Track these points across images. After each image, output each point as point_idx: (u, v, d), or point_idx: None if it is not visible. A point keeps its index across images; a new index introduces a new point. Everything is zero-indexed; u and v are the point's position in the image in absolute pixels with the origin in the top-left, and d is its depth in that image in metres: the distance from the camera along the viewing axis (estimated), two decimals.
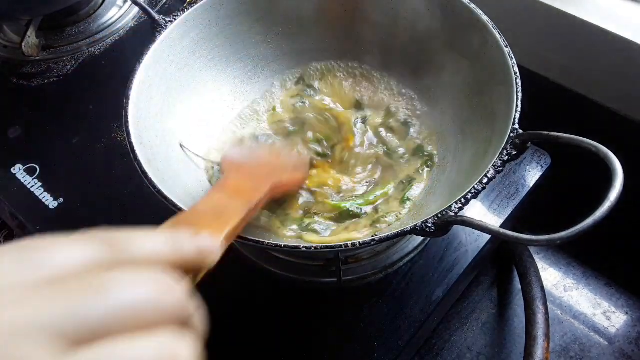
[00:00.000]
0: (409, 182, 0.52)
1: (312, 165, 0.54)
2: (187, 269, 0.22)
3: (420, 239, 0.55)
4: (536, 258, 0.64)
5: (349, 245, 0.38)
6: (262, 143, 0.55)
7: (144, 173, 0.42)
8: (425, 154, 0.54)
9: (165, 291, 0.19)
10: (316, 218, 0.50)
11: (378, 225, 0.49)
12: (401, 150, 0.55)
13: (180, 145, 0.51)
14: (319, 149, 0.55)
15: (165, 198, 0.40)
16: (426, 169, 0.53)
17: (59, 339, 0.16)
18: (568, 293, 0.65)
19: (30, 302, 0.17)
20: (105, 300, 0.17)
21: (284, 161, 0.51)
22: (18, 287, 0.17)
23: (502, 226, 0.56)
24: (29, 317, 0.16)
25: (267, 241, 0.39)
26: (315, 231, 0.49)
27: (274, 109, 0.59)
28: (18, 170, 0.63)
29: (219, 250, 0.24)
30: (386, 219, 0.49)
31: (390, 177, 0.53)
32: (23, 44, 0.71)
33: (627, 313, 0.63)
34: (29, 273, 0.18)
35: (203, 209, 0.33)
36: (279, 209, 0.51)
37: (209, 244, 0.23)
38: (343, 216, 0.50)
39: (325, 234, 0.49)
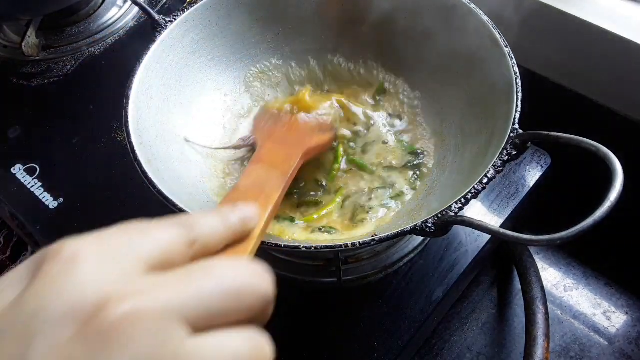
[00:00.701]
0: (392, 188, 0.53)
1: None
2: (240, 237, 0.26)
3: (420, 239, 0.55)
4: (536, 258, 0.64)
5: (349, 245, 0.38)
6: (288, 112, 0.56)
7: (144, 173, 0.42)
8: (415, 163, 0.54)
9: (260, 276, 0.22)
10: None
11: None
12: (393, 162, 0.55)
13: (186, 140, 0.52)
14: None
15: (165, 198, 0.40)
16: (414, 179, 0.53)
17: (187, 322, 0.19)
18: (568, 293, 0.65)
19: (164, 288, 0.19)
20: (220, 283, 0.20)
21: (311, 125, 0.53)
22: (142, 268, 0.20)
23: (502, 226, 0.56)
24: (166, 301, 0.19)
25: (267, 241, 0.39)
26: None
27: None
28: (18, 170, 0.63)
29: (256, 215, 0.28)
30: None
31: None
32: (23, 44, 0.71)
33: (627, 313, 0.63)
34: (145, 250, 0.21)
35: (245, 184, 0.36)
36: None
37: (247, 213, 0.27)
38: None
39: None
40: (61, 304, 0.18)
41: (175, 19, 0.52)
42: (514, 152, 0.41)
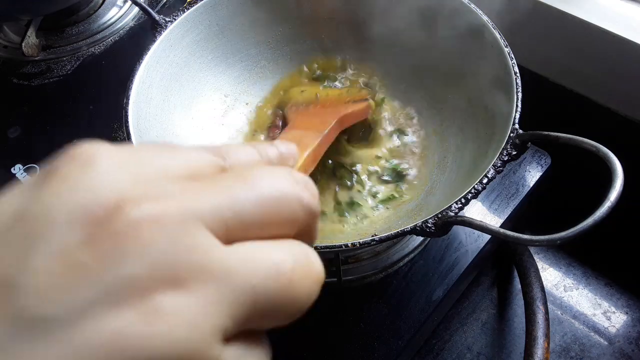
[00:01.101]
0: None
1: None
2: None
3: (420, 239, 0.55)
4: (536, 258, 0.64)
5: (349, 245, 0.38)
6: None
7: None
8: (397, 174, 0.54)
9: (303, 185, 0.19)
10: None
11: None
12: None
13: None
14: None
15: None
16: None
17: (218, 230, 0.16)
18: (568, 293, 0.65)
19: (190, 192, 0.17)
20: (257, 190, 0.18)
21: (345, 98, 0.53)
22: (167, 177, 0.17)
23: (502, 226, 0.56)
24: (191, 206, 0.16)
25: None
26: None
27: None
28: (18, 170, 0.63)
29: (296, 154, 0.25)
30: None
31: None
32: (23, 44, 0.71)
33: (627, 313, 0.63)
34: (172, 163, 0.18)
35: (283, 139, 0.35)
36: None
37: (286, 148, 0.24)
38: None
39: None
40: (70, 205, 0.16)
41: (175, 19, 0.52)
42: (514, 152, 0.41)
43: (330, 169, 0.53)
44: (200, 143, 0.54)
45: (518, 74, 0.44)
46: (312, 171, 0.47)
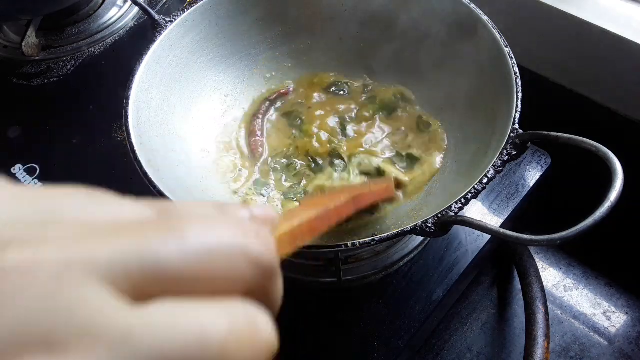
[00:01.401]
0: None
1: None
2: None
3: (420, 239, 0.55)
4: (536, 258, 0.64)
5: (349, 245, 0.38)
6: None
7: (144, 173, 0.42)
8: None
9: (254, 236, 0.15)
10: None
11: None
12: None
13: None
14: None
15: (166, 198, 0.40)
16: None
17: (122, 284, 0.13)
18: (568, 293, 0.65)
19: (93, 237, 0.14)
20: (181, 239, 0.14)
21: (365, 184, 0.50)
22: (68, 222, 0.14)
23: (502, 226, 0.56)
24: (81, 253, 0.13)
25: None
26: None
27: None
28: (18, 170, 0.63)
29: (275, 218, 0.21)
30: None
31: None
32: (23, 44, 0.71)
33: (627, 313, 0.63)
34: (90, 212, 0.15)
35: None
36: None
37: (263, 212, 0.20)
38: None
39: None
40: None
41: (175, 19, 0.52)
42: (514, 152, 0.41)
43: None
44: (201, 143, 0.54)
45: (518, 74, 0.44)
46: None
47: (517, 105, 0.43)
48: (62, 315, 0.12)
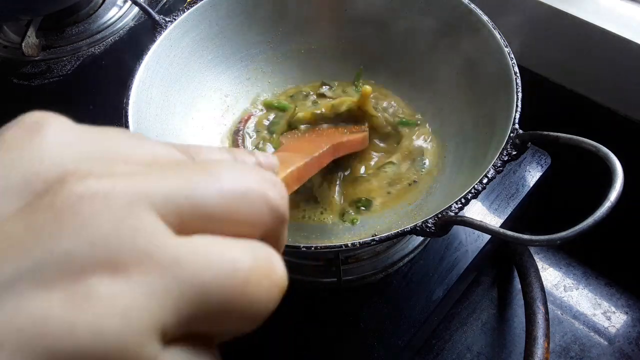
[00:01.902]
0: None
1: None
2: None
3: (420, 239, 0.55)
4: (536, 258, 0.64)
5: (349, 245, 0.38)
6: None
7: None
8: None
9: (272, 185, 0.17)
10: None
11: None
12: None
13: None
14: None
15: None
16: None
17: (171, 217, 0.15)
18: (568, 293, 0.65)
19: (145, 174, 0.15)
20: (219, 182, 0.16)
21: (342, 129, 0.52)
22: (123, 159, 0.16)
23: (502, 226, 0.56)
24: (144, 188, 0.15)
25: None
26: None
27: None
28: None
29: (276, 165, 0.23)
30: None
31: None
32: (23, 44, 0.71)
33: (627, 313, 0.63)
34: (133, 149, 0.17)
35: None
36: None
37: (266, 159, 0.22)
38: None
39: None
40: (9, 173, 0.14)
41: (175, 19, 0.52)
42: (514, 152, 0.41)
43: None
44: (200, 143, 0.54)
45: (518, 74, 0.44)
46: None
47: (517, 105, 0.43)
48: (127, 241, 0.14)
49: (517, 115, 0.42)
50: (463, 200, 0.38)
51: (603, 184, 0.34)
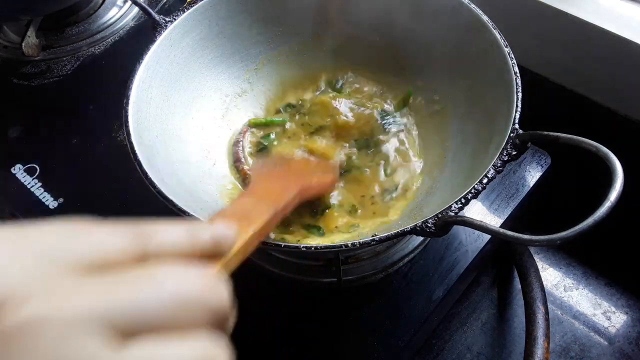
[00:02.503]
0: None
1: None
2: (209, 257, 0.23)
3: (420, 239, 0.55)
4: (536, 258, 0.64)
5: (349, 245, 0.38)
6: (288, 155, 0.55)
7: (144, 173, 0.42)
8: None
9: (212, 287, 0.19)
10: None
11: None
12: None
13: None
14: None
15: (166, 198, 0.40)
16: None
17: (112, 331, 0.16)
18: (568, 293, 0.65)
19: (86, 290, 0.16)
20: (159, 292, 0.17)
21: (312, 166, 0.52)
22: (68, 267, 0.17)
23: (502, 226, 0.56)
24: (83, 307, 0.16)
25: (267, 241, 0.39)
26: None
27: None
28: (18, 170, 0.63)
29: (234, 236, 0.25)
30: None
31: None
32: (23, 44, 0.71)
33: (627, 313, 0.63)
34: (78, 252, 0.18)
35: (231, 211, 0.33)
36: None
37: (222, 231, 0.24)
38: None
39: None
40: None
41: (175, 19, 0.52)
42: (514, 152, 0.41)
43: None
44: (200, 143, 0.54)
45: (518, 74, 0.44)
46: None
47: (517, 105, 0.43)
48: None
49: (517, 115, 0.42)
50: (463, 200, 0.38)
51: (603, 184, 0.34)
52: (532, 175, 0.60)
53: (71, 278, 0.17)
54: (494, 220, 0.57)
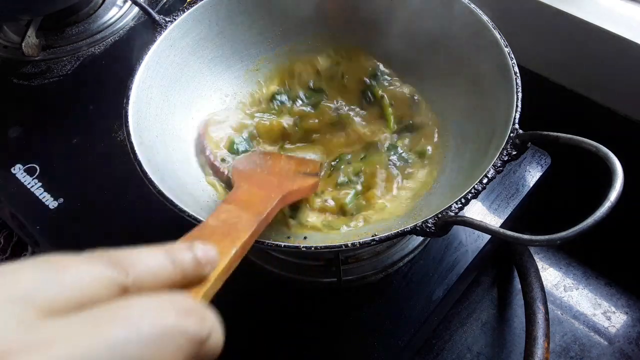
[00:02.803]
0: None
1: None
2: (192, 280, 0.23)
3: (420, 238, 0.55)
4: (536, 258, 0.64)
5: (349, 245, 0.38)
6: (272, 151, 0.55)
7: (144, 173, 0.42)
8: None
9: (190, 315, 0.19)
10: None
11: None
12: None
13: None
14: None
15: (165, 198, 0.40)
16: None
17: None
18: (568, 293, 0.65)
19: (55, 341, 0.16)
20: (137, 329, 0.17)
21: (295, 167, 0.51)
22: (44, 311, 0.17)
23: (502, 226, 0.56)
24: (62, 356, 0.16)
25: (267, 241, 0.39)
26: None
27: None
28: (18, 170, 0.63)
29: (216, 258, 0.25)
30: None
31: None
32: (23, 44, 0.71)
33: (627, 313, 0.63)
34: (53, 293, 0.17)
35: (214, 223, 0.33)
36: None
37: (205, 254, 0.24)
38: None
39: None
40: None
41: (175, 19, 0.52)
42: (514, 152, 0.41)
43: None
44: (199, 143, 0.54)
45: (518, 74, 0.44)
46: None
47: (517, 105, 0.43)
48: None
49: (517, 115, 0.42)
50: (463, 200, 0.38)
51: (603, 184, 0.34)
52: (532, 175, 0.60)
53: (45, 325, 0.17)
54: (494, 220, 0.57)
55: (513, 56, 0.46)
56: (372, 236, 0.38)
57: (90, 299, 0.18)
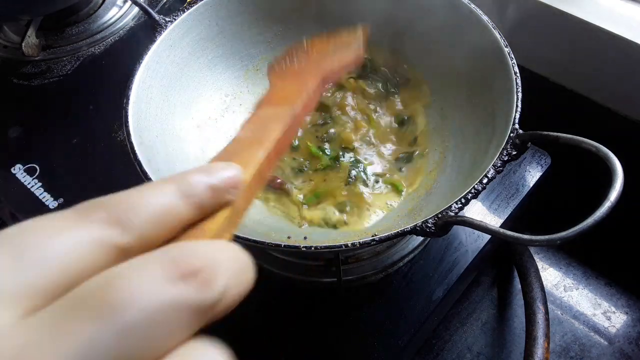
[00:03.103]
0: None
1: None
2: (214, 212, 0.19)
3: (420, 238, 0.55)
4: (536, 258, 0.64)
5: (349, 245, 0.38)
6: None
7: (144, 173, 0.42)
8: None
9: (186, 282, 0.15)
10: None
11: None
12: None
13: None
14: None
15: None
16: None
17: None
18: (568, 293, 0.65)
19: (43, 337, 0.13)
20: (121, 323, 0.14)
21: (335, 42, 0.44)
22: (31, 294, 0.14)
23: (502, 226, 0.56)
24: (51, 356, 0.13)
25: (267, 241, 0.39)
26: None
27: None
28: (18, 170, 0.63)
29: (238, 179, 0.20)
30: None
31: None
32: (23, 44, 0.71)
33: (627, 313, 0.63)
34: (27, 280, 0.14)
35: (243, 136, 0.26)
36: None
37: (223, 176, 0.19)
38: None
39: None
40: None
41: (175, 19, 0.52)
42: (514, 152, 0.41)
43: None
44: (200, 143, 0.54)
45: (518, 74, 0.44)
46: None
47: (517, 105, 0.43)
48: None
49: (517, 115, 0.42)
50: (463, 200, 0.38)
51: (603, 184, 0.34)
52: (532, 175, 0.60)
53: (20, 326, 0.14)
54: (494, 220, 0.57)
55: (513, 56, 0.46)
56: (372, 236, 0.38)
57: (78, 276, 0.15)
